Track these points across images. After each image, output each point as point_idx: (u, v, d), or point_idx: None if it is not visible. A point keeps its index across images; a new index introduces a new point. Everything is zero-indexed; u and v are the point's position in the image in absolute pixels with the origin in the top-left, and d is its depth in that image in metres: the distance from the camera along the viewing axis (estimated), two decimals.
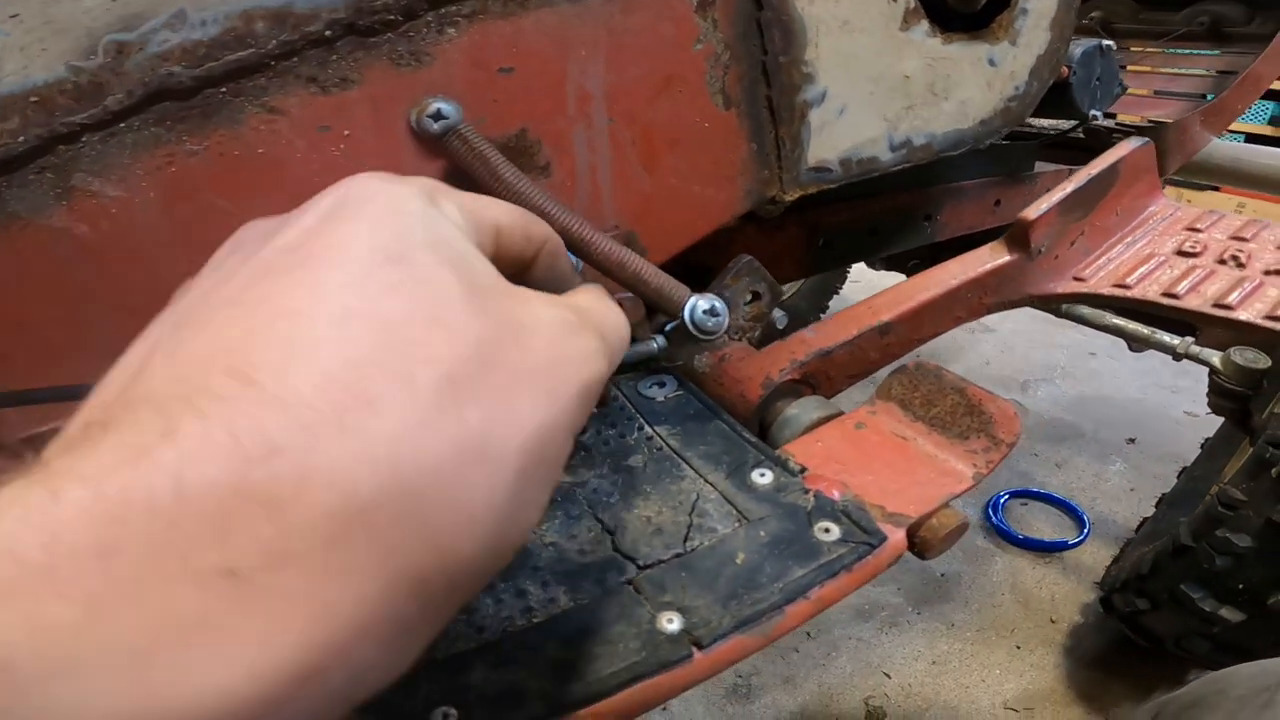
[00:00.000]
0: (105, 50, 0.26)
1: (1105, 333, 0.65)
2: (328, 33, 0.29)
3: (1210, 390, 0.66)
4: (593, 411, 0.22)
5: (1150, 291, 0.47)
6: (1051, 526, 1.15)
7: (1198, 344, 0.62)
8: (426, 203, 0.20)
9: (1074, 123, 0.77)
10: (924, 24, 0.48)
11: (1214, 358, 0.61)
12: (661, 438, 0.38)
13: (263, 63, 0.28)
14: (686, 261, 0.45)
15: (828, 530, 0.30)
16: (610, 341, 0.22)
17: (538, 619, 0.28)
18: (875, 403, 0.38)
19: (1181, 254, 0.50)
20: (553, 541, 0.32)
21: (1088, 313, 0.63)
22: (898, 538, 0.30)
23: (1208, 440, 0.99)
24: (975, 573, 1.06)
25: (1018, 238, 0.48)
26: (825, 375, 0.45)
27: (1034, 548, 1.10)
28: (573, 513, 0.33)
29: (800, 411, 0.40)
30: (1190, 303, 0.46)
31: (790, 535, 0.30)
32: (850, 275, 1.59)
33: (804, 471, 0.34)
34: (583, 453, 0.36)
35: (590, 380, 0.20)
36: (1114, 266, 0.50)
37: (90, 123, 0.27)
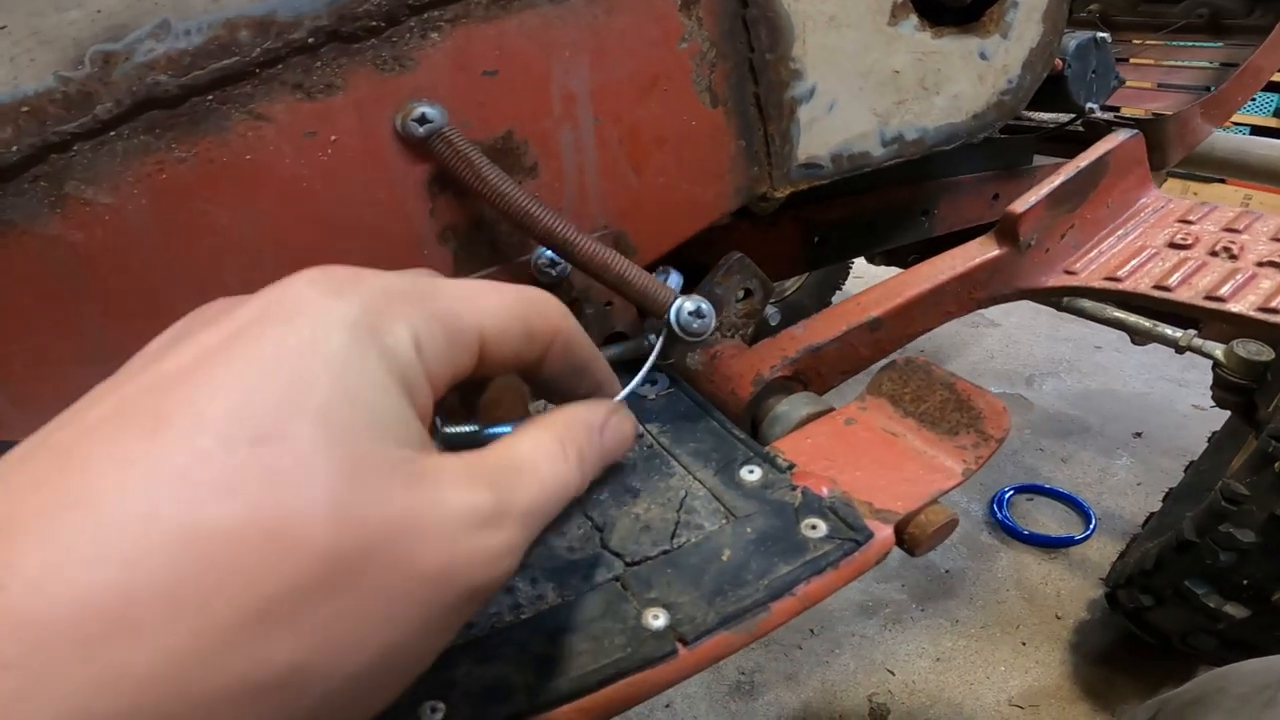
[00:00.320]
0: (92, 60, 0.27)
1: (1107, 326, 0.64)
2: (311, 39, 0.30)
3: (1214, 384, 0.65)
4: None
5: (1142, 284, 0.46)
6: (1057, 522, 1.14)
7: (1200, 337, 0.61)
8: (354, 338, 0.17)
9: (1072, 115, 0.76)
10: (913, 18, 0.48)
11: (1217, 350, 0.60)
12: (652, 435, 0.38)
13: (248, 70, 0.29)
14: (680, 259, 0.45)
15: (814, 527, 0.30)
16: (537, 511, 0.20)
17: (525, 615, 0.28)
18: (865, 399, 0.38)
19: (1173, 246, 0.50)
20: (540, 538, 0.32)
21: (1089, 306, 0.63)
22: (885, 534, 0.30)
23: (1214, 434, 0.98)
24: (980, 569, 1.06)
25: (1007, 231, 0.48)
26: (816, 372, 0.45)
27: (1039, 543, 1.09)
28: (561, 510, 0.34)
29: (790, 408, 0.40)
30: (1182, 295, 0.46)
31: (777, 532, 0.30)
32: (853, 271, 1.58)
33: (792, 468, 0.34)
34: None
35: (482, 586, 0.18)
36: (1105, 259, 0.50)
37: (81, 131, 0.28)
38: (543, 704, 0.25)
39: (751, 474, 0.34)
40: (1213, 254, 0.48)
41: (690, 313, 0.35)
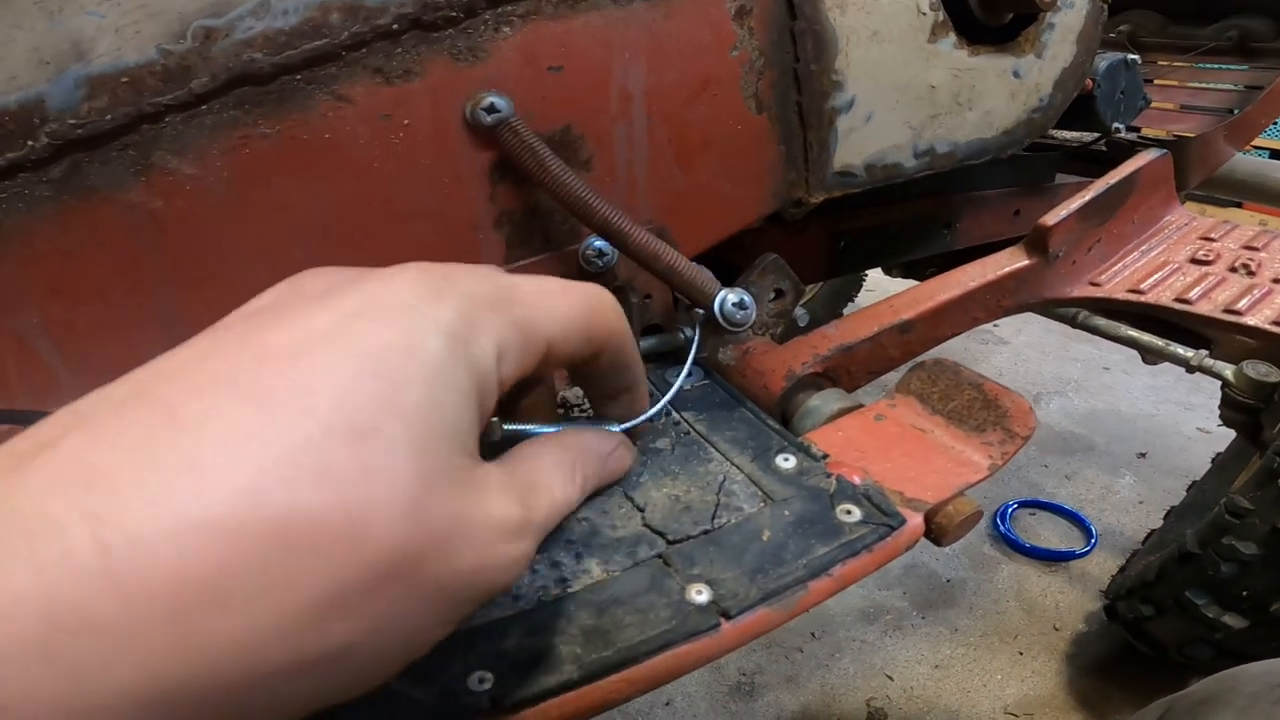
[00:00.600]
0: (194, 35, 0.28)
1: (1119, 344, 0.66)
2: (395, 26, 0.31)
3: (1222, 403, 0.67)
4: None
5: (1163, 297, 0.48)
6: (1059, 537, 1.15)
7: (1211, 357, 0.63)
8: (448, 346, 0.18)
9: (1096, 135, 0.78)
10: (951, 36, 0.50)
11: (1226, 370, 0.62)
12: (688, 423, 0.39)
13: (335, 52, 0.30)
14: (713, 259, 0.47)
15: (849, 512, 0.32)
16: (547, 526, 0.22)
17: (572, 589, 0.29)
18: (894, 396, 0.40)
19: (1195, 262, 0.51)
20: (585, 517, 0.33)
21: (1102, 323, 0.64)
22: (916, 521, 0.32)
23: (1218, 455, 0.99)
24: (981, 579, 1.07)
25: (1036, 242, 0.50)
26: (846, 370, 0.46)
27: (1040, 557, 1.10)
28: (604, 491, 0.35)
29: (822, 403, 0.41)
30: (1201, 308, 0.47)
31: (814, 515, 0.32)
32: (865, 284, 1.60)
33: (826, 457, 0.35)
34: None
35: (498, 588, 0.19)
36: (1129, 273, 0.51)
37: (175, 104, 0.29)
38: (590, 674, 0.25)
39: (787, 461, 0.35)
40: (1232, 270, 0.50)
41: (734, 304, 0.36)
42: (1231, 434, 0.86)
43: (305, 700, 0.16)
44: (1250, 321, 0.45)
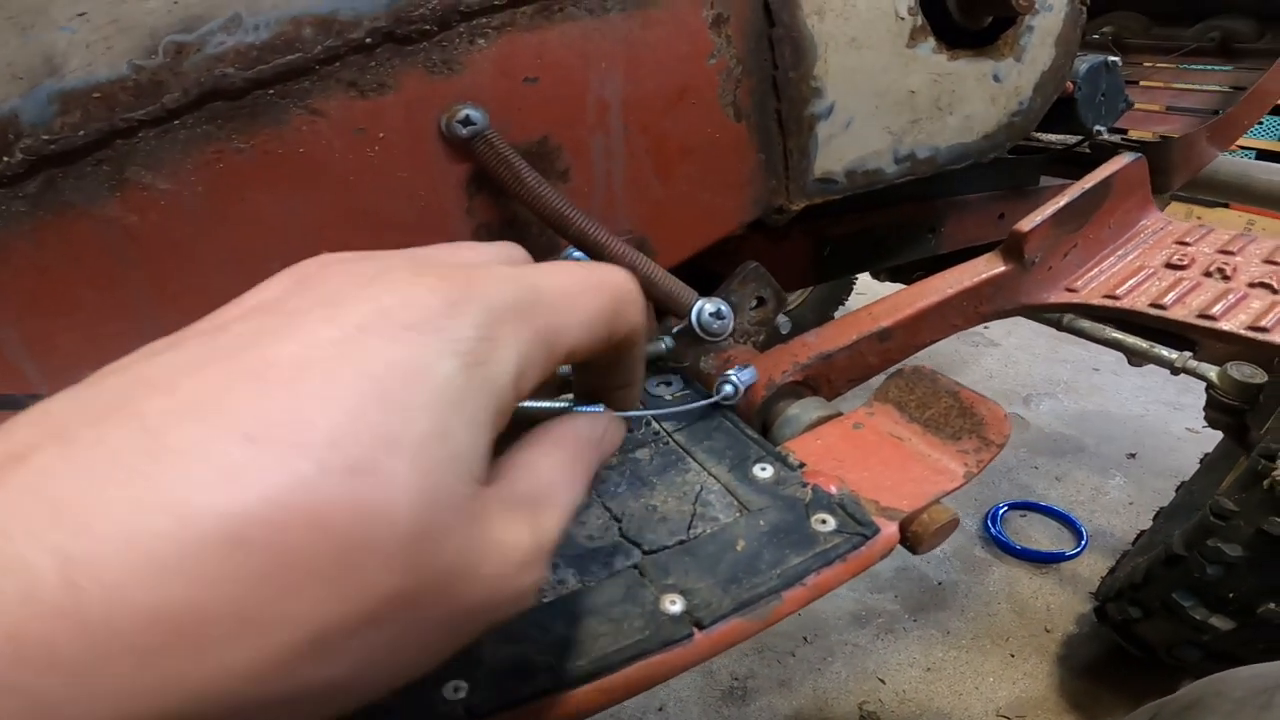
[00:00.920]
0: (165, 50, 0.28)
1: (1105, 347, 0.66)
2: (368, 39, 0.31)
3: (1207, 405, 0.67)
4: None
5: (1139, 302, 0.48)
6: (1049, 538, 1.16)
7: (1195, 359, 0.63)
8: (463, 368, 0.17)
9: (1079, 138, 0.78)
10: (930, 41, 0.50)
11: (1211, 372, 0.62)
12: (667, 433, 0.39)
13: (309, 66, 0.30)
14: (695, 268, 0.47)
15: (824, 521, 0.32)
16: (555, 542, 0.20)
17: (547, 599, 0.29)
18: (873, 404, 0.40)
19: (1170, 267, 0.52)
20: None
21: (1088, 326, 0.64)
22: (890, 530, 0.32)
23: (1206, 456, 1.00)
24: (972, 582, 1.07)
25: (1013, 249, 0.50)
26: (826, 378, 0.46)
27: (1031, 559, 1.11)
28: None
29: (801, 411, 0.41)
30: (1176, 313, 0.48)
31: (788, 525, 0.32)
32: (855, 288, 1.61)
33: (803, 467, 0.35)
34: None
35: (505, 618, 0.18)
36: (1105, 278, 0.52)
37: (148, 119, 0.29)
38: (565, 683, 0.26)
39: (764, 471, 0.35)
40: (1207, 274, 0.50)
41: (711, 313, 0.36)
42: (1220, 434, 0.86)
43: None
44: (1225, 326, 0.45)
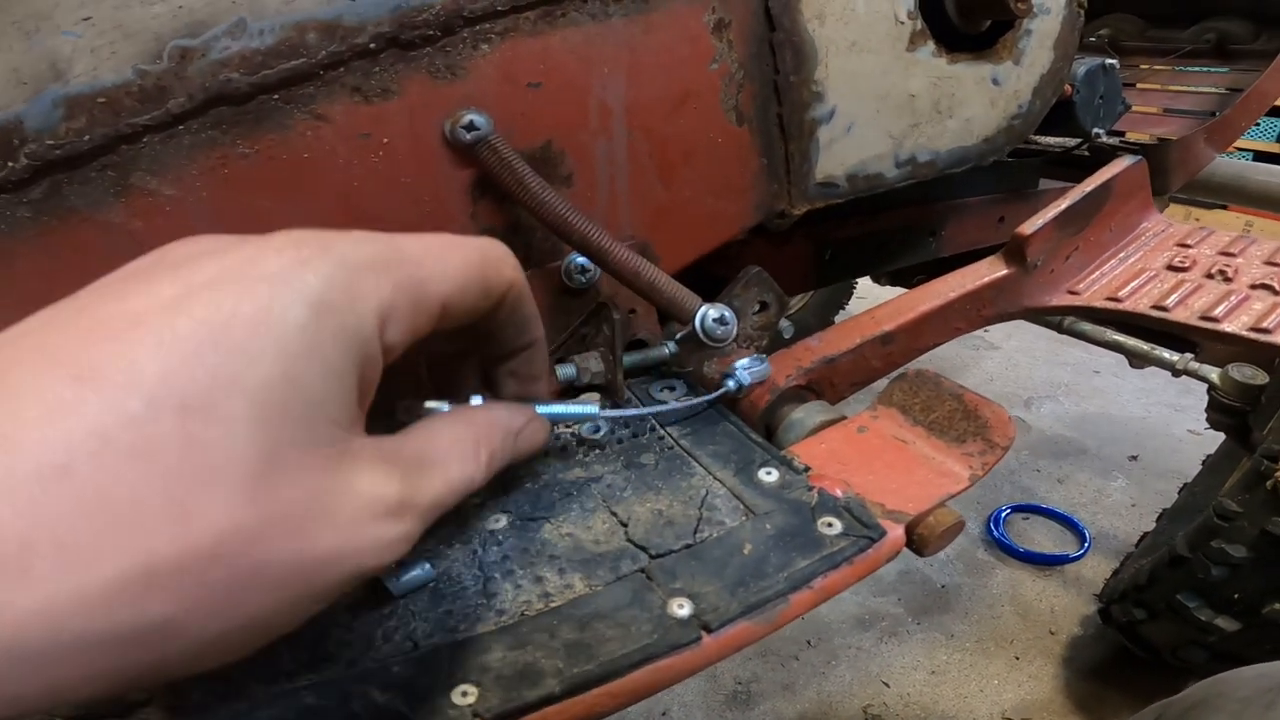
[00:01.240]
0: (170, 55, 0.28)
1: (1106, 349, 0.66)
2: (372, 45, 0.31)
3: (1209, 406, 0.67)
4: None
5: (1141, 304, 0.49)
6: (1053, 541, 1.16)
7: (1197, 360, 0.64)
8: (314, 314, 0.17)
9: (1078, 140, 0.79)
10: (930, 45, 0.50)
11: (1212, 374, 0.62)
12: (672, 438, 0.39)
13: (313, 72, 0.30)
14: (698, 272, 0.47)
15: (830, 525, 0.32)
16: (438, 505, 0.20)
17: (554, 603, 0.29)
18: (876, 408, 0.40)
19: (1171, 269, 0.52)
20: (569, 532, 0.33)
21: (1089, 329, 0.65)
22: (896, 533, 0.32)
23: (1209, 457, 1.00)
24: (976, 584, 1.07)
25: (1014, 252, 0.50)
26: (829, 382, 0.46)
27: (1035, 561, 1.10)
28: (587, 506, 0.35)
29: (805, 415, 0.41)
30: (1178, 315, 0.48)
31: (795, 529, 0.32)
32: (856, 292, 1.61)
33: (808, 470, 0.35)
34: (596, 450, 0.38)
35: (369, 570, 0.18)
36: (1107, 280, 0.52)
37: (152, 124, 0.29)
38: (573, 688, 0.25)
39: (769, 475, 0.35)
40: (1208, 276, 0.50)
41: (715, 319, 0.36)
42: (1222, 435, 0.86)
43: (133, 671, 0.16)
44: (1227, 328, 0.45)
